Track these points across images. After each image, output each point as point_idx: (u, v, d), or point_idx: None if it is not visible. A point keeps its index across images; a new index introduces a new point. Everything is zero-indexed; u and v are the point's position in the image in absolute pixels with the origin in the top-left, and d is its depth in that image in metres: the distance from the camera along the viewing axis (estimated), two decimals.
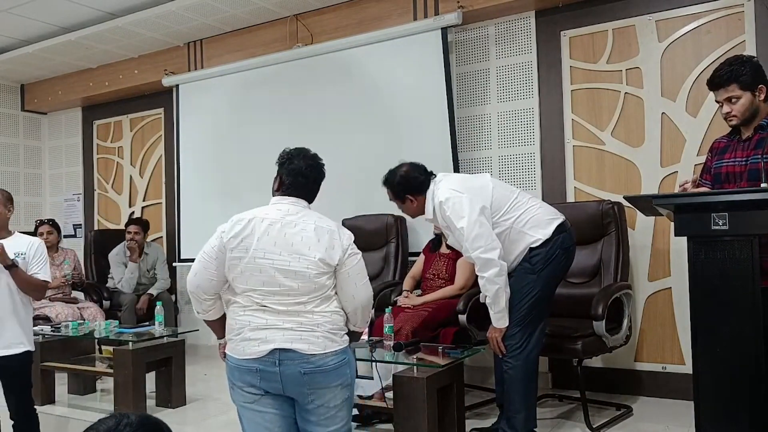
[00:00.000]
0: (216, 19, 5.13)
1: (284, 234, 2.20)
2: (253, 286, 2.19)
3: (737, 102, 2.49)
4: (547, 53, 4.24)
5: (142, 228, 5.39)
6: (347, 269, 2.23)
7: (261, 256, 2.18)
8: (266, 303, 2.18)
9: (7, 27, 5.38)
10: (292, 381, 2.14)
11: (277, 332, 2.13)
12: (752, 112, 2.49)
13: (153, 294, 5.27)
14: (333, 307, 2.23)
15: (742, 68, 2.49)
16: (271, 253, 2.18)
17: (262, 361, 2.14)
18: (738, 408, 2.15)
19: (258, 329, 2.16)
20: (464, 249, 2.94)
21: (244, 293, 2.21)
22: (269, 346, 2.13)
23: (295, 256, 2.17)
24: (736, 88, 2.48)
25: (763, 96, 2.48)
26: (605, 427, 3.31)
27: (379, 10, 4.68)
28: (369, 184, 4.61)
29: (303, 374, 2.12)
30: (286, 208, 2.27)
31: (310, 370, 2.13)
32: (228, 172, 5.39)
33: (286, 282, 2.16)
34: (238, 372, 2.19)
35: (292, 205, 2.29)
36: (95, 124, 6.59)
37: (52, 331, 4.32)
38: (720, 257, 2.18)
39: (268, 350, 2.13)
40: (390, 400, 2.93)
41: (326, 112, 4.88)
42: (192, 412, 3.97)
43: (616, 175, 4.02)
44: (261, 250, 2.18)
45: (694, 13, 3.81)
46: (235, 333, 2.21)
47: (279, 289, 2.17)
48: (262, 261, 2.18)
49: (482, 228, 2.86)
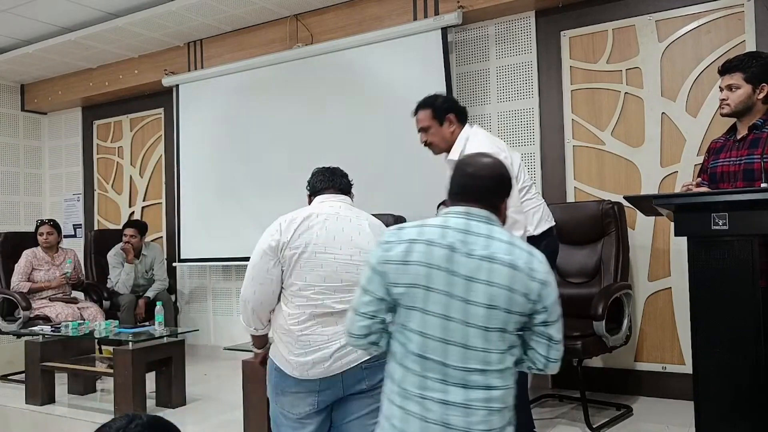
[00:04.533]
0: (216, 19, 5.13)
1: (342, 228, 2.19)
2: (313, 282, 2.12)
3: (736, 91, 2.51)
4: (547, 53, 4.24)
5: (138, 231, 5.37)
6: None
7: (322, 251, 2.14)
8: (326, 302, 2.12)
9: (7, 27, 5.38)
10: (353, 377, 2.12)
11: (343, 350, 2.08)
12: (746, 106, 2.50)
13: (150, 297, 5.25)
14: None
15: (753, 62, 2.52)
16: (332, 247, 2.15)
17: (321, 379, 2.12)
18: (738, 408, 2.15)
19: (320, 349, 2.09)
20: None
21: (300, 293, 2.13)
22: (336, 365, 2.10)
23: (356, 249, 2.16)
24: (740, 78, 2.51)
25: (762, 95, 2.49)
26: (605, 427, 3.31)
27: (379, 10, 4.68)
28: (369, 183, 4.62)
29: (363, 369, 2.12)
30: (338, 205, 2.28)
31: (371, 365, 2.11)
32: (228, 172, 5.39)
33: (348, 276, 2.13)
34: (294, 382, 2.13)
35: (342, 202, 2.31)
36: (95, 124, 6.59)
37: (52, 331, 4.32)
38: (720, 257, 2.18)
39: (336, 372, 2.10)
40: None
41: (326, 112, 4.87)
42: (192, 412, 3.97)
43: (616, 175, 4.02)
44: (321, 245, 2.15)
45: (694, 13, 3.80)
46: (293, 353, 2.12)
47: (340, 284, 2.13)
48: (323, 255, 2.14)
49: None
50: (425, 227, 1.65)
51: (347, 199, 2.35)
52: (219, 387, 4.48)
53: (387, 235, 1.70)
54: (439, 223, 1.65)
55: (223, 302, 5.63)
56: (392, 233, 1.68)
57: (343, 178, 2.41)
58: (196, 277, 5.83)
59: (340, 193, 2.35)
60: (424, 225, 1.66)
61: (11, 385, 4.87)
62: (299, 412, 2.14)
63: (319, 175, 2.39)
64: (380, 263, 1.65)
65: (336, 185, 2.36)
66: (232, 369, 4.00)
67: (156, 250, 5.57)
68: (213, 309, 5.72)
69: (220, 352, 4.74)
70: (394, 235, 1.67)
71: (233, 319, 5.47)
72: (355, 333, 1.69)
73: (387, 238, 1.68)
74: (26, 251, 5.16)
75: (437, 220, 1.67)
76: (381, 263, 1.65)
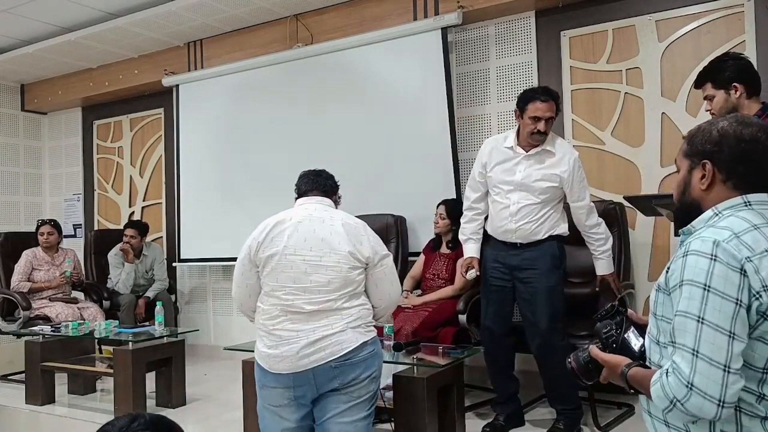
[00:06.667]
0: (216, 19, 5.13)
1: (313, 230, 2.25)
2: (283, 283, 2.21)
3: (713, 100, 2.50)
4: (547, 53, 4.24)
5: (139, 231, 5.37)
6: (384, 269, 2.30)
7: (292, 253, 2.22)
8: (297, 303, 2.19)
9: (7, 27, 5.37)
10: (324, 375, 2.18)
11: (310, 348, 2.16)
12: (728, 110, 2.48)
13: (150, 297, 5.25)
14: (361, 301, 2.27)
15: (719, 66, 2.51)
16: (302, 249, 2.22)
17: (295, 374, 2.19)
18: None
19: (289, 343, 2.17)
20: (581, 198, 3.19)
21: (272, 293, 2.23)
22: (303, 362, 2.16)
23: (326, 250, 2.21)
24: (710, 87, 2.51)
25: (738, 93, 2.45)
26: (611, 426, 3.32)
27: (379, 10, 4.68)
28: (369, 183, 4.63)
29: (333, 368, 2.17)
30: (313, 207, 2.35)
31: (340, 363, 2.17)
32: (228, 172, 5.39)
33: (317, 278, 2.19)
34: (272, 377, 2.23)
35: (318, 203, 2.37)
36: (95, 124, 6.58)
37: (52, 331, 4.32)
38: None
39: (301, 369, 2.17)
40: (389, 400, 2.93)
41: (326, 112, 4.87)
42: (192, 412, 3.97)
43: (616, 175, 4.02)
44: (291, 247, 2.22)
45: (694, 13, 3.81)
46: (266, 345, 2.23)
47: (310, 285, 2.19)
48: (293, 257, 2.21)
49: None
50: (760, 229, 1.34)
51: (326, 201, 2.40)
52: (219, 387, 4.48)
53: (732, 251, 1.29)
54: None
55: (223, 302, 5.63)
56: (733, 246, 1.30)
57: (327, 179, 2.47)
58: (196, 277, 5.83)
59: (323, 194, 2.42)
60: (758, 227, 1.34)
61: (11, 385, 4.87)
62: (278, 405, 2.24)
63: (304, 177, 2.47)
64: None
65: (320, 187, 2.43)
66: (232, 369, 4.00)
67: (156, 250, 5.56)
68: (213, 309, 5.72)
69: (220, 352, 4.74)
70: (743, 249, 1.30)
71: (233, 319, 5.47)
72: (729, 401, 1.26)
73: (740, 254, 1.29)
74: (26, 251, 5.16)
75: (751, 216, 1.37)
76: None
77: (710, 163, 1.41)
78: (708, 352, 1.25)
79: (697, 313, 1.27)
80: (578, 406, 3.20)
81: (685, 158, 1.49)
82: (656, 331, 1.43)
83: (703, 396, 1.24)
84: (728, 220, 1.36)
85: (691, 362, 1.26)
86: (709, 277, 1.28)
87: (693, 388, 1.25)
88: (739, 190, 1.40)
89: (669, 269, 1.38)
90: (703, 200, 1.44)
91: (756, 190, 1.39)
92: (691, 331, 1.28)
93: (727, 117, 1.47)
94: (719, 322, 1.26)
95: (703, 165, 1.42)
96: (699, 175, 1.44)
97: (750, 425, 1.30)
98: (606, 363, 1.48)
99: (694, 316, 1.28)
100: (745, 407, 1.30)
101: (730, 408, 1.26)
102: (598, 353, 1.50)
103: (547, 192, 3.10)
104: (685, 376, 1.26)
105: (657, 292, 1.42)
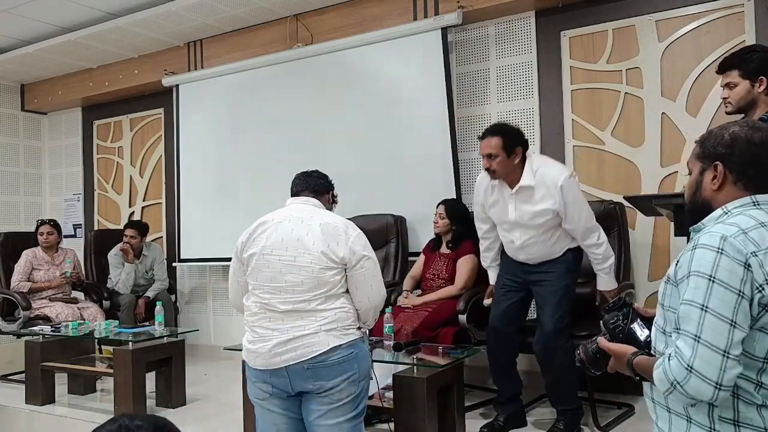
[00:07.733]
0: (216, 19, 5.13)
1: (292, 230, 2.27)
2: (262, 282, 2.26)
3: (734, 89, 2.48)
4: (547, 53, 4.24)
5: (139, 232, 5.36)
6: (363, 271, 2.28)
7: (269, 252, 2.25)
8: (272, 302, 2.22)
9: (7, 27, 5.37)
10: (298, 375, 2.20)
11: (281, 347, 2.20)
12: (747, 101, 2.47)
13: (149, 297, 5.24)
14: (339, 304, 2.26)
15: (748, 56, 2.48)
16: (278, 249, 2.25)
17: (271, 370, 2.25)
18: None
19: (264, 340, 2.23)
20: (572, 222, 3.06)
21: (253, 291, 2.29)
22: (275, 360, 2.20)
23: (301, 251, 2.23)
24: (737, 74, 2.47)
25: (762, 87, 2.44)
26: (611, 426, 3.32)
27: (379, 10, 4.68)
28: (369, 183, 4.64)
29: (306, 369, 2.19)
30: (296, 207, 2.39)
31: (312, 365, 2.19)
32: (228, 172, 5.39)
33: (291, 278, 2.21)
34: (254, 373, 2.31)
35: (302, 204, 2.40)
36: (95, 124, 6.58)
37: (52, 331, 4.32)
38: None
39: (275, 366, 2.21)
40: (389, 400, 2.93)
41: (326, 112, 4.87)
42: (192, 412, 3.97)
43: (616, 175, 4.02)
44: (270, 247, 2.26)
45: (694, 13, 3.80)
46: (247, 340, 2.30)
47: (284, 285, 2.22)
48: (270, 257, 2.25)
49: None
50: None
51: (313, 201, 2.42)
52: (219, 387, 4.48)
53: (738, 246, 1.34)
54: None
55: (222, 302, 5.62)
56: (739, 241, 1.35)
57: (318, 179, 2.49)
58: (196, 277, 5.83)
59: (314, 194, 2.44)
60: (764, 225, 1.39)
61: (11, 385, 4.87)
62: (262, 399, 2.31)
63: (296, 179, 2.50)
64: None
65: (310, 187, 2.45)
66: (232, 369, 3.99)
67: (156, 250, 5.56)
68: (213, 309, 5.72)
69: (220, 352, 4.73)
70: (749, 244, 1.35)
71: (233, 319, 5.47)
72: (726, 385, 1.32)
73: (745, 249, 1.34)
74: (26, 251, 5.16)
75: (758, 215, 1.42)
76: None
77: (722, 165, 1.48)
78: (709, 338, 1.32)
79: (701, 302, 1.34)
80: (579, 406, 3.20)
81: (697, 160, 1.55)
82: (663, 321, 1.48)
83: (701, 378, 1.31)
84: (737, 217, 1.42)
85: (693, 347, 1.33)
86: (714, 269, 1.34)
87: (692, 370, 1.32)
88: (748, 190, 1.46)
89: (678, 262, 1.44)
90: (713, 200, 1.50)
91: (764, 191, 1.46)
92: (695, 319, 1.34)
93: (738, 122, 1.54)
94: (722, 311, 1.32)
95: (715, 167, 1.49)
96: (710, 177, 1.50)
97: (746, 411, 1.36)
98: (613, 352, 1.56)
99: (699, 304, 1.34)
100: (744, 395, 1.36)
101: (726, 392, 1.32)
102: (605, 343, 1.57)
103: (545, 224, 3.08)
104: (686, 359, 1.33)
105: (665, 284, 1.48)
